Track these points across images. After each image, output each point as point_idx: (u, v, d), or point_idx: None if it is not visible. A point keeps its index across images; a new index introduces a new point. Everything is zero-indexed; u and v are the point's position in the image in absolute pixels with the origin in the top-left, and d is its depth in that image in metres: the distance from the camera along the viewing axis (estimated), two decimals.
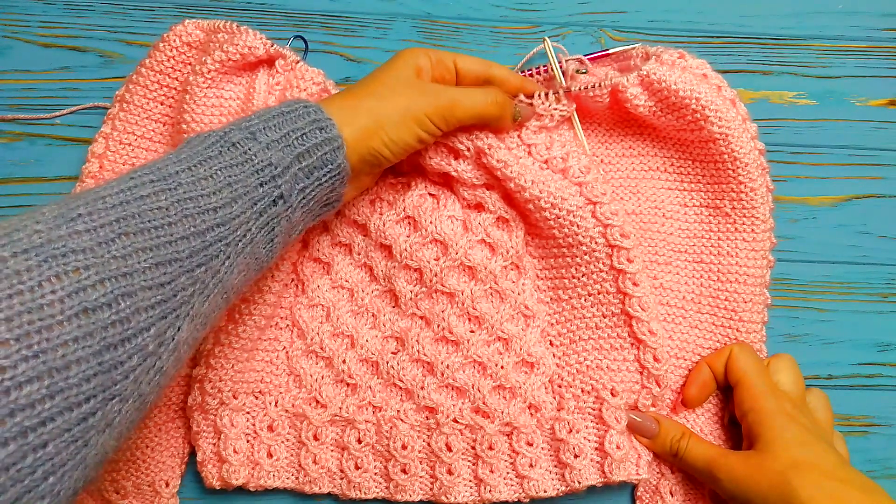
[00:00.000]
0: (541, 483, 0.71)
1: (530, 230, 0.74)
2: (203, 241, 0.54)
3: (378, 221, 0.74)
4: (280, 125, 0.61)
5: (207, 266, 0.55)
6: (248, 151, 0.59)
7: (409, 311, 0.74)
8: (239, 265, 0.58)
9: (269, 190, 0.59)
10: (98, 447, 0.47)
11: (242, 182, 0.57)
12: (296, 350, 0.75)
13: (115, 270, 0.48)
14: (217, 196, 0.56)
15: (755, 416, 0.68)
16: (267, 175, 0.59)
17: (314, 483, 0.73)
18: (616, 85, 0.71)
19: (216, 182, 0.56)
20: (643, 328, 0.71)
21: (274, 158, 0.59)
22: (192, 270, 0.53)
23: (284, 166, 0.60)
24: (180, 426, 0.75)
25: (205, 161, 0.57)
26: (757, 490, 0.64)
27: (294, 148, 0.61)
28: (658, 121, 0.73)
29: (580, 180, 0.71)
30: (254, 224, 0.58)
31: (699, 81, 0.71)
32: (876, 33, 0.83)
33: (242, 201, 0.57)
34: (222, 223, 0.56)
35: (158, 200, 0.53)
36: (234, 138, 0.59)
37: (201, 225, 0.54)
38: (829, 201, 0.81)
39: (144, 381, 0.50)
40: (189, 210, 0.54)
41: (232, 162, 0.58)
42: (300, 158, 0.61)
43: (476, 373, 0.73)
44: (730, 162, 0.72)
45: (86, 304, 0.45)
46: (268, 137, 0.60)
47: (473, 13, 0.82)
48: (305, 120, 0.62)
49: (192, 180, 0.55)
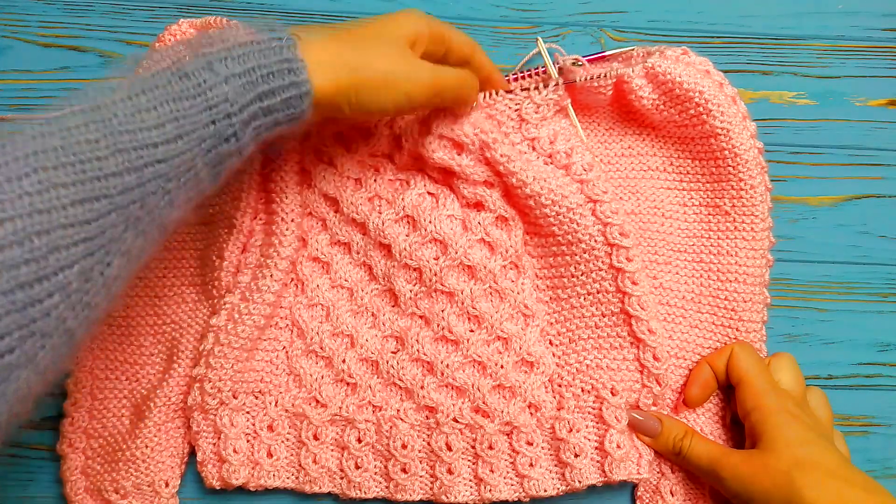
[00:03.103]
0: (541, 482, 0.71)
1: (530, 229, 0.74)
2: (139, 178, 0.50)
3: (377, 220, 0.74)
4: (244, 58, 0.56)
5: (143, 203, 0.51)
6: (201, 84, 0.54)
7: (408, 311, 0.74)
8: (180, 199, 0.54)
9: (222, 128, 0.54)
10: (20, 383, 0.46)
11: (191, 118, 0.53)
12: (295, 350, 0.75)
13: (27, 207, 0.45)
14: (159, 131, 0.51)
15: (758, 415, 0.68)
16: (221, 112, 0.54)
17: (314, 483, 0.73)
18: (621, 76, 0.71)
19: (159, 115, 0.52)
20: (643, 327, 0.71)
21: (231, 94, 0.54)
22: (126, 207, 0.50)
23: (242, 104, 0.55)
24: (180, 426, 0.75)
25: (149, 90, 0.52)
26: (761, 489, 0.64)
27: (256, 86, 0.56)
28: (660, 115, 0.73)
29: (582, 177, 0.71)
30: (200, 161, 0.54)
31: (703, 76, 0.71)
32: (876, 33, 0.83)
33: (189, 138, 0.53)
34: (163, 160, 0.52)
35: (87, 132, 0.49)
36: (188, 68, 0.54)
37: (137, 161, 0.50)
38: (829, 201, 0.81)
39: (69, 317, 0.48)
40: (124, 144, 0.50)
41: (181, 94, 0.53)
42: (262, 98, 0.56)
43: (476, 372, 0.73)
44: (730, 158, 0.72)
45: None
46: (227, 70, 0.55)
47: (473, 13, 0.82)
48: (276, 56, 0.57)
49: (130, 112, 0.51)
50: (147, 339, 0.76)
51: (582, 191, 0.71)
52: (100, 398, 0.75)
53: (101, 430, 0.75)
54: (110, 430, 0.75)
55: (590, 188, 0.71)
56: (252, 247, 0.75)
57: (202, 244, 0.77)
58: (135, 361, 0.76)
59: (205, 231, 0.77)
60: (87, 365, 0.75)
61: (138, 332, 0.76)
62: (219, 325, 0.73)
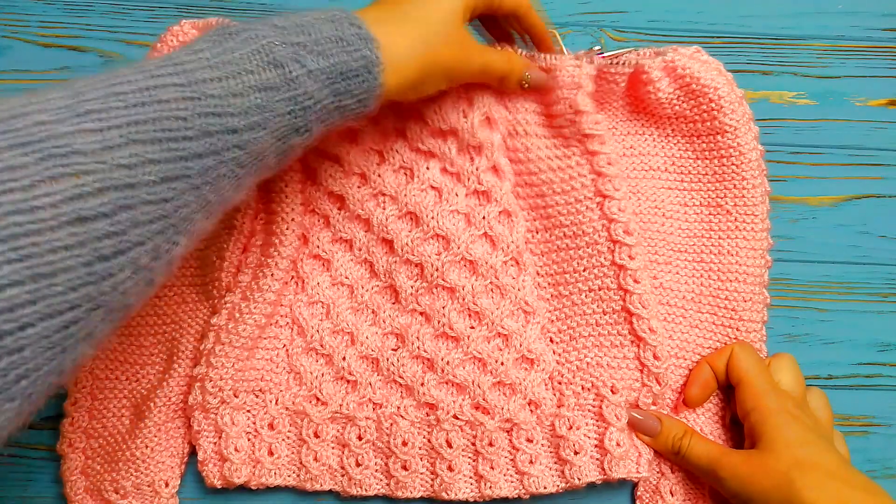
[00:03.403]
0: (541, 479, 0.71)
1: (536, 222, 0.74)
2: (217, 161, 0.51)
3: (381, 216, 0.74)
4: (328, 53, 0.56)
5: (215, 186, 0.52)
6: (289, 75, 0.54)
7: (409, 307, 0.74)
8: (245, 184, 0.55)
9: (297, 120, 0.55)
10: (75, 354, 0.46)
11: (274, 110, 0.53)
12: (296, 348, 0.75)
13: (119, 180, 0.45)
14: (243, 117, 0.52)
15: (758, 416, 0.67)
16: (300, 105, 0.55)
17: (315, 480, 0.73)
18: (640, 67, 0.72)
19: (247, 102, 0.52)
20: (643, 326, 0.71)
21: (312, 88, 0.55)
22: (199, 188, 0.50)
23: (319, 99, 0.56)
24: (180, 426, 0.75)
25: (240, 74, 0.52)
26: (760, 489, 0.64)
27: (335, 82, 0.56)
28: (672, 109, 0.74)
29: (601, 170, 0.71)
30: (271, 149, 0.55)
31: (718, 73, 0.72)
32: (876, 33, 0.83)
33: (269, 128, 0.54)
34: (240, 146, 0.52)
35: (179, 109, 0.49)
36: (279, 55, 0.54)
37: (219, 144, 0.51)
38: (828, 201, 0.81)
39: (133, 293, 0.48)
40: (212, 126, 0.50)
41: (269, 83, 0.53)
42: (337, 94, 0.57)
43: (476, 369, 0.73)
44: (735, 157, 0.73)
45: (82, 213, 0.43)
46: (314, 64, 0.55)
47: None
48: (357, 55, 0.57)
49: (221, 94, 0.51)
50: (147, 339, 0.76)
51: (595, 183, 0.71)
52: (100, 398, 0.75)
53: (101, 430, 0.75)
54: (110, 430, 0.75)
55: (603, 183, 0.71)
56: (252, 246, 0.75)
57: (202, 244, 0.77)
58: (135, 361, 0.76)
59: None
60: (87, 365, 0.75)
61: (138, 332, 0.76)
62: (219, 324, 0.73)
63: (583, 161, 0.72)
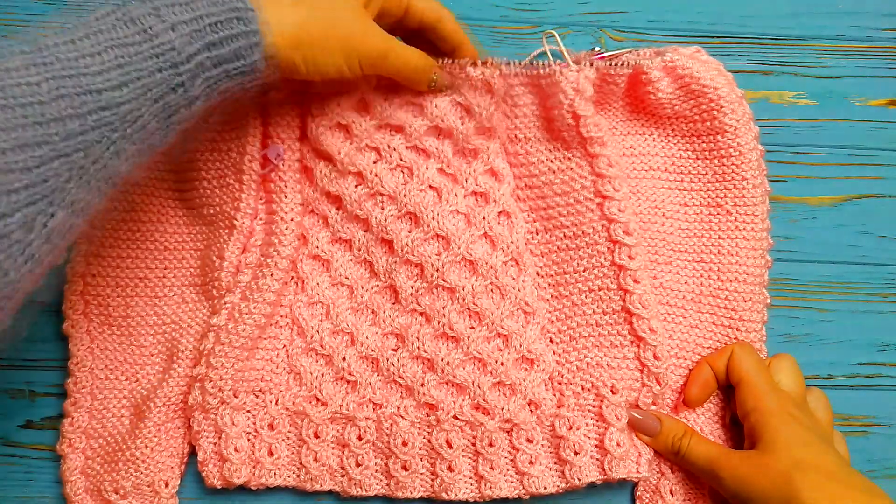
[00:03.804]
0: (541, 480, 0.71)
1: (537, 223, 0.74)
2: (82, 125, 0.49)
3: (380, 216, 0.74)
4: (192, 5, 0.54)
5: (87, 152, 0.50)
6: (148, 31, 0.52)
7: (409, 307, 0.74)
8: (127, 151, 0.53)
9: (168, 77, 0.53)
10: None
11: (136, 65, 0.52)
12: (296, 348, 0.75)
13: None
14: (103, 77, 0.50)
15: (758, 416, 0.67)
16: (167, 61, 0.53)
17: (315, 481, 0.73)
18: (640, 68, 0.72)
19: (103, 61, 0.50)
20: (643, 326, 0.71)
21: (178, 42, 0.53)
22: (69, 155, 0.49)
23: (189, 53, 0.54)
24: (179, 426, 0.75)
25: (93, 34, 0.51)
26: (759, 490, 0.64)
27: (205, 34, 0.54)
28: (672, 109, 0.74)
29: (602, 172, 0.71)
30: (147, 111, 0.53)
31: (718, 73, 0.72)
32: (876, 33, 0.83)
33: (134, 86, 0.51)
34: (107, 107, 0.50)
35: (28, 75, 0.48)
36: (134, 13, 0.52)
37: (81, 107, 0.49)
38: (828, 201, 0.81)
39: (11, 268, 0.47)
40: (66, 89, 0.49)
41: (127, 41, 0.52)
42: (210, 47, 0.55)
43: (476, 369, 0.73)
44: (735, 157, 0.73)
45: None
46: (175, 17, 0.53)
47: (473, 13, 0.82)
48: (225, 5, 0.56)
49: (73, 56, 0.50)
50: (147, 339, 0.76)
51: (595, 184, 0.71)
52: (100, 398, 0.75)
53: (100, 431, 0.75)
54: (110, 431, 0.75)
55: (603, 184, 0.71)
56: (252, 246, 0.75)
57: (202, 244, 0.77)
58: (135, 361, 0.76)
59: (205, 231, 0.77)
60: (87, 365, 0.75)
61: (139, 331, 0.76)
62: (219, 324, 0.73)
63: (583, 163, 0.72)
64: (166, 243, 0.77)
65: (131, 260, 0.76)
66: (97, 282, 0.76)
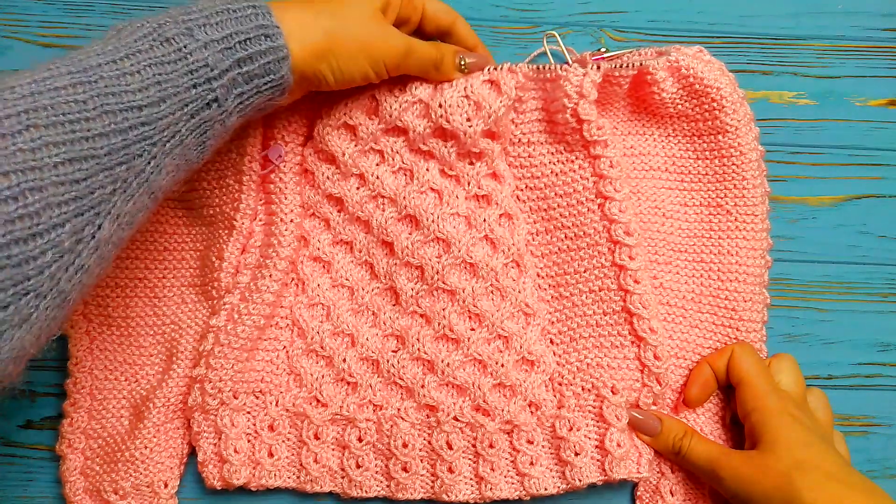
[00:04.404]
0: (541, 481, 0.71)
1: (538, 224, 0.74)
2: (125, 140, 0.52)
3: (381, 218, 0.74)
4: (222, 24, 0.58)
5: (129, 165, 0.53)
6: (182, 49, 0.55)
7: (409, 309, 0.74)
8: (167, 166, 0.56)
9: (203, 92, 0.56)
10: (14, 342, 0.47)
11: (173, 82, 0.55)
12: (296, 349, 0.75)
13: (21, 164, 0.47)
14: (143, 94, 0.53)
15: (758, 416, 0.68)
16: (201, 77, 0.56)
17: (315, 482, 0.73)
18: (644, 68, 0.71)
19: (143, 79, 0.53)
20: (644, 326, 0.71)
21: (211, 60, 0.56)
22: (112, 168, 0.52)
23: (222, 69, 0.57)
24: (179, 426, 0.75)
25: (133, 55, 0.54)
26: (760, 490, 0.64)
27: (235, 52, 0.58)
28: (675, 108, 0.74)
29: (602, 172, 0.71)
30: (184, 126, 0.56)
31: (721, 73, 0.72)
32: (876, 33, 0.83)
33: (171, 101, 0.55)
34: (147, 122, 0.53)
35: (76, 93, 0.50)
36: (169, 33, 0.56)
37: (123, 123, 0.52)
38: (828, 201, 0.81)
39: (63, 278, 0.50)
40: (110, 106, 0.51)
41: (163, 59, 0.55)
42: (241, 63, 0.58)
43: (476, 371, 0.73)
44: (735, 157, 0.73)
45: None
46: (207, 36, 0.57)
47: (473, 13, 0.82)
48: (252, 23, 0.59)
49: (115, 74, 0.52)
50: (147, 339, 0.76)
51: (596, 185, 0.71)
52: (99, 399, 0.75)
53: (100, 431, 0.75)
54: (109, 431, 0.75)
55: (604, 185, 0.71)
56: (251, 247, 0.75)
57: (202, 245, 0.77)
58: (134, 362, 0.76)
59: (205, 232, 0.77)
60: (87, 366, 0.75)
61: (138, 332, 0.76)
62: (219, 325, 0.73)
63: (585, 164, 0.72)
64: (166, 244, 0.77)
65: (131, 260, 0.76)
66: (97, 282, 0.75)
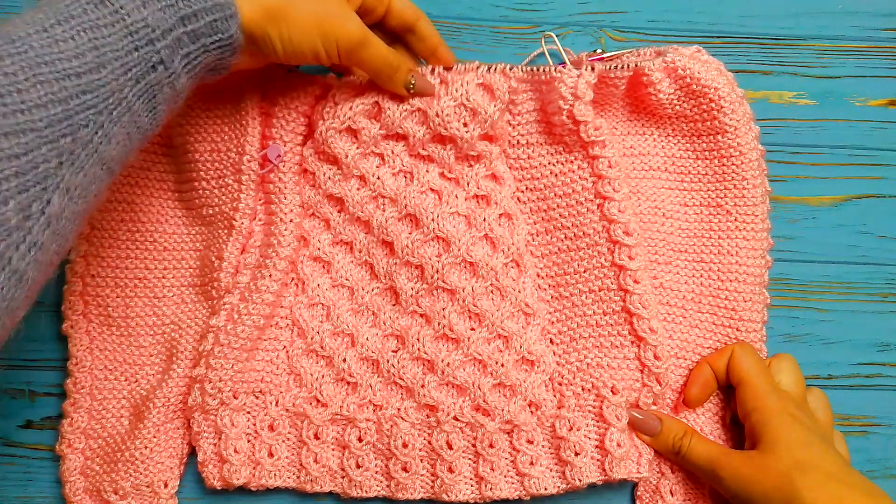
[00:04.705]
0: (541, 481, 0.71)
1: (537, 224, 0.74)
2: (66, 110, 0.50)
3: (381, 218, 0.74)
4: None
5: (74, 136, 0.51)
6: (119, 11, 0.53)
7: (409, 309, 0.74)
8: (117, 135, 0.54)
9: (146, 55, 0.54)
10: None
11: (111, 46, 0.52)
12: (296, 349, 0.75)
13: None
14: (79, 61, 0.51)
15: (759, 416, 0.68)
16: (142, 38, 0.53)
17: (315, 482, 0.73)
18: (641, 69, 0.71)
19: (77, 45, 0.51)
20: (644, 326, 0.71)
21: (151, 19, 0.54)
22: (56, 141, 0.50)
23: (164, 29, 0.54)
24: (179, 427, 0.75)
25: (64, 21, 0.51)
26: (760, 490, 0.64)
27: (177, 9, 0.55)
28: (673, 109, 0.74)
29: (601, 173, 0.71)
30: (130, 91, 0.54)
31: (718, 73, 0.72)
32: (876, 33, 0.83)
33: (112, 67, 0.52)
34: (88, 90, 0.51)
35: (3, 66, 0.48)
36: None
37: (61, 93, 0.50)
38: (828, 201, 0.81)
39: (14, 256, 0.48)
40: (44, 76, 0.49)
41: (98, 22, 0.52)
42: (185, 21, 0.55)
43: (476, 371, 0.73)
44: (735, 157, 0.73)
45: None
46: None
47: (473, 13, 0.82)
48: None
49: (46, 43, 0.50)
50: (146, 339, 0.76)
51: (595, 186, 0.71)
52: (99, 399, 0.75)
53: (100, 431, 0.75)
54: (109, 431, 0.75)
55: (603, 185, 0.71)
56: (251, 247, 0.75)
57: (202, 245, 0.77)
58: (134, 362, 0.76)
59: (204, 232, 0.77)
60: (87, 366, 0.75)
61: (138, 332, 0.76)
62: (218, 325, 0.73)
63: (584, 165, 0.72)
64: (166, 244, 0.77)
65: (131, 260, 0.76)
66: (97, 282, 0.75)
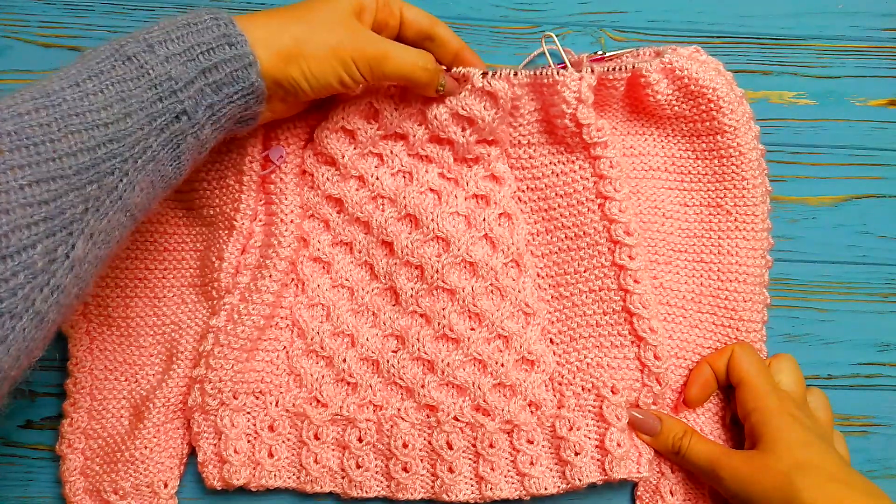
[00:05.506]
0: (541, 481, 0.71)
1: (538, 224, 0.74)
2: (93, 158, 0.53)
3: (380, 218, 0.74)
4: (183, 38, 0.58)
5: (100, 183, 0.53)
6: (144, 65, 0.56)
7: (409, 309, 0.74)
8: (140, 182, 0.57)
9: (170, 105, 0.57)
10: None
11: (137, 97, 0.55)
12: (296, 350, 0.75)
13: None
14: (107, 112, 0.54)
15: (759, 416, 0.68)
16: (166, 90, 0.56)
17: (315, 482, 0.73)
18: (639, 71, 0.71)
19: (106, 97, 0.54)
20: (644, 325, 0.71)
21: (174, 72, 0.57)
22: (83, 188, 0.52)
23: (187, 81, 0.57)
24: (179, 427, 0.75)
25: (95, 76, 0.54)
26: (760, 490, 0.64)
27: (198, 62, 0.58)
28: (672, 110, 0.74)
29: (602, 173, 0.71)
30: (154, 141, 0.56)
31: (716, 74, 0.72)
32: (876, 33, 0.83)
33: (138, 116, 0.55)
34: (115, 139, 0.54)
35: (39, 118, 0.51)
36: (129, 51, 0.56)
37: (90, 141, 0.52)
38: (828, 201, 0.81)
39: (38, 298, 0.50)
40: (74, 126, 0.52)
41: (125, 76, 0.55)
42: (206, 74, 0.58)
43: (476, 371, 0.73)
44: (735, 157, 0.73)
45: None
46: (168, 50, 0.57)
47: (473, 13, 0.82)
48: (213, 34, 0.59)
49: (78, 96, 0.53)
50: (147, 339, 0.76)
51: (596, 185, 0.71)
52: (99, 399, 0.75)
53: (100, 431, 0.75)
54: (109, 431, 0.75)
55: (604, 185, 0.71)
56: (251, 248, 0.75)
57: (202, 245, 0.77)
58: (134, 362, 0.76)
59: (204, 232, 0.77)
60: (87, 366, 0.75)
61: (138, 332, 0.76)
62: (218, 325, 0.73)
63: (585, 165, 0.72)
64: (166, 244, 0.77)
65: (131, 261, 0.76)
66: (97, 282, 0.75)
